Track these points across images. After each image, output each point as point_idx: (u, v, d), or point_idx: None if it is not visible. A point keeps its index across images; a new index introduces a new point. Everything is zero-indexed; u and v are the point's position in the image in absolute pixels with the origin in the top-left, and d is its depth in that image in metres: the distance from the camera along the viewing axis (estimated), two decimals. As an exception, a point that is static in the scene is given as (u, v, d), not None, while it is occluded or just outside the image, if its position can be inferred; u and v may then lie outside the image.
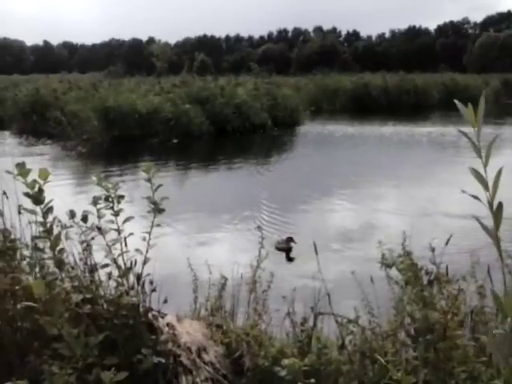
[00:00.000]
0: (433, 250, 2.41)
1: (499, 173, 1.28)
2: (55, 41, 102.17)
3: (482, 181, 1.28)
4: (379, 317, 2.60)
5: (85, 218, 2.47)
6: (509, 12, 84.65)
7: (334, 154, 15.30)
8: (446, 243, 2.59)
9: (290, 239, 6.27)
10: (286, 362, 2.30)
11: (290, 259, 6.08)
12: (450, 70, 47.43)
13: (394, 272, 2.49)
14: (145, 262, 2.52)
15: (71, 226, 2.53)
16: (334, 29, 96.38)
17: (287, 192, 9.62)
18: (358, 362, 2.49)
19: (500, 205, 1.27)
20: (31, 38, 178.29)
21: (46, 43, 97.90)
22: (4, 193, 3.16)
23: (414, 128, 20.43)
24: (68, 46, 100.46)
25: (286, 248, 6.21)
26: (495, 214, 1.28)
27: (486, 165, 1.28)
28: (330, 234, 6.94)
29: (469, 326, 2.55)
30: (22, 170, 2.15)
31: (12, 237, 2.71)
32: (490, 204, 1.27)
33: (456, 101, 1.31)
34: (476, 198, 1.27)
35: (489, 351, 2.14)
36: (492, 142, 1.29)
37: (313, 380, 2.30)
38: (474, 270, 2.52)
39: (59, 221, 2.49)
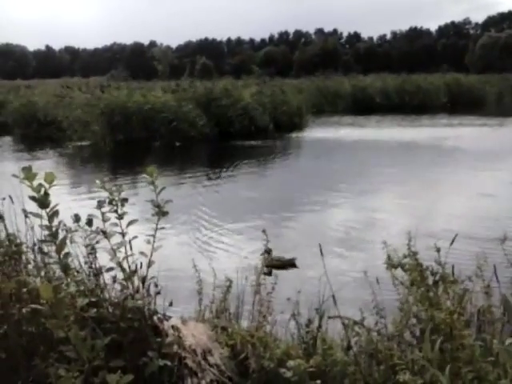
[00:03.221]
0: (438, 250, 2.40)
1: None
2: (57, 45, 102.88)
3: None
4: (385, 318, 2.59)
5: (90, 222, 2.47)
6: (510, 12, 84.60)
7: (337, 158, 15.31)
8: (451, 243, 2.58)
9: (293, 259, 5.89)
10: (291, 363, 2.29)
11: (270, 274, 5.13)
12: (451, 70, 47.35)
13: (399, 273, 2.48)
14: (149, 265, 2.52)
15: (76, 230, 2.53)
16: (335, 31, 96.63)
17: (292, 197, 9.61)
18: (363, 363, 2.48)
19: None
20: (33, 42, 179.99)
21: (48, 48, 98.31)
22: (10, 197, 3.18)
23: (415, 131, 20.43)
24: (70, 51, 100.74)
25: (285, 264, 5.77)
26: None
27: None
28: (333, 237, 6.93)
29: (475, 326, 2.54)
30: (28, 173, 2.15)
31: (18, 241, 2.72)
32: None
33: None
34: None
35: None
36: None
37: (318, 381, 2.30)
38: (481, 270, 2.51)
39: (64, 224, 2.50)
